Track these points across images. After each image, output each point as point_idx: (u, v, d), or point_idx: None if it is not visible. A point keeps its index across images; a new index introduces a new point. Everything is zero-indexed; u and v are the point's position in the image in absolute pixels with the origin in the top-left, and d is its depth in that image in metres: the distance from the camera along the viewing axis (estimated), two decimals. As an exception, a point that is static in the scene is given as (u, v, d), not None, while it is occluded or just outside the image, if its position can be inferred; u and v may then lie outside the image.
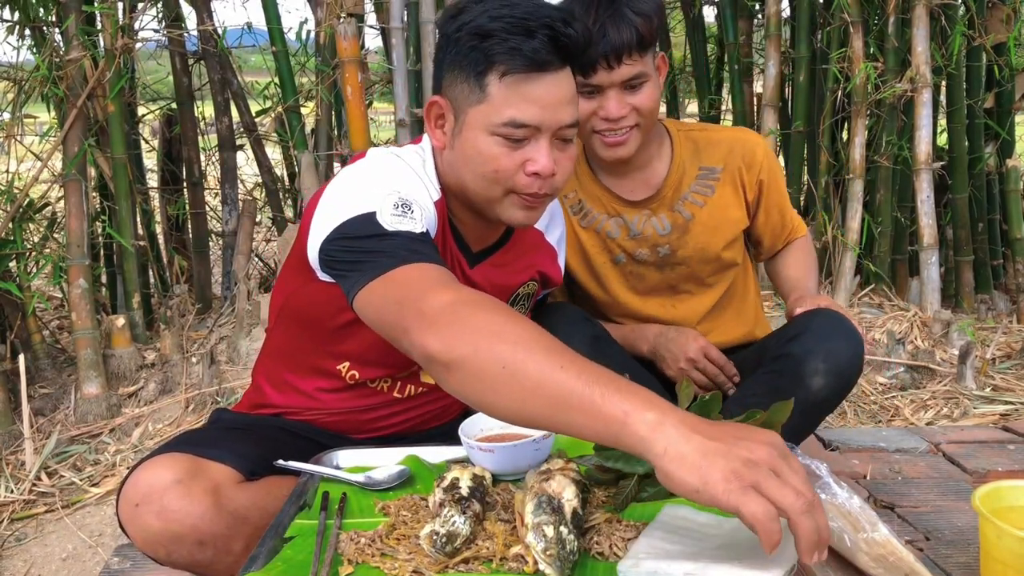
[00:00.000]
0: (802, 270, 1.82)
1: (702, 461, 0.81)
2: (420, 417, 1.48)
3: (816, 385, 1.52)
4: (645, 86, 1.58)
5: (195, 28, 3.41)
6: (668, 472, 0.82)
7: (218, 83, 3.49)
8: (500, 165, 1.23)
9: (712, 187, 1.74)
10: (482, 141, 1.23)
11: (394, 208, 1.17)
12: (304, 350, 1.41)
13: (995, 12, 3.40)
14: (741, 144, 1.76)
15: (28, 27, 3.12)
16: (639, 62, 1.55)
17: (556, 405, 0.89)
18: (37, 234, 3.08)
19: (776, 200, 1.79)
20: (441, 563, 0.95)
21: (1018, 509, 1.40)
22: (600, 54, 1.51)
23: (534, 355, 0.92)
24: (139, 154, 3.56)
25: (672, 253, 1.74)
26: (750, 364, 1.68)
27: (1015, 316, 3.40)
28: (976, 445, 2.23)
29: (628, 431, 0.85)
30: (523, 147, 1.23)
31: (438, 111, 1.29)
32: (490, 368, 0.93)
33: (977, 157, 3.53)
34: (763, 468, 0.80)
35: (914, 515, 1.82)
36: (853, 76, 3.34)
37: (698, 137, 1.76)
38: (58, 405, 2.76)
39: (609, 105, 1.57)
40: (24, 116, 3.12)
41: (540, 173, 1.24)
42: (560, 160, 1.27)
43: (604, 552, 0.97)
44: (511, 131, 1.22)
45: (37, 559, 2.00)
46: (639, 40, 1.53)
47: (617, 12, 1.52)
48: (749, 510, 0.78)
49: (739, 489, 0.79)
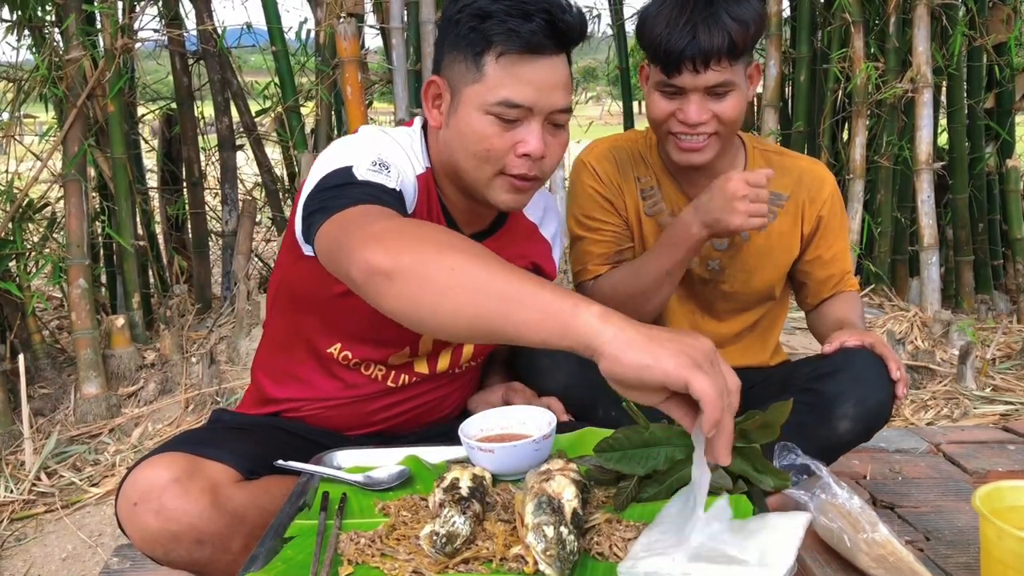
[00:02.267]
0: (851, 315, 1.68)
1: (651, 343, 0.86)
2: (416, 410, 1.48)
3: (843, 428, 1.48)
4: (730, 95, 1.51)
5: (195, 28, 3.40)
6: (617, 354, 0.86)
7: (218, 83, 3.48)
8: (492, 144, 1.26)
9: (775, 213, 1.69)
10: (476, 119, 1.25)
11: (371, 164, 1.20)
12: (297, 333, 1.42)
13: (996, 12, 3.40)
14: (811, 176, 1.70)
15: (27, 27, 3.11)
16: (727, 70, 1.48)
17: (507, 302, 0.91)
18: (37, 234, 3.08)
19: (831, 242, 1.71)
20: (441, 563, 0.95)
21: (1018, 509, 1.40)
22: (687, 56, 1.45)
23: (481, 259, 0.95)
24: (139, 154, 3.55)
25: (721, 271, 1.70)
26: (774, 388, 1.62)
27: (1015, 316, 3.39)
28: (976, 445, 2.23)
29: (578, 320, 0.88)
30: (515, 128, 1.26)
31: (436, 91, 1.32)
32: (437, 273, 0.94)
33: (977, 157, 3.53)
34: (707, 359, 0.86)
35: (914, 515, 1.82)
36: (854, 76, 3.34)
37: (773, 159, 1.70)
38: (58, 405, 2.76)
39: (689, 109, 1.50)
40: (24, 116, 3.12)
41: (531, 154, 1.26)
42: (551, 144, 1.29)
43: (604, 552, 0.97)
44: (504, 110, 1.24)
45: (37, 559, 2.00)
46: (731, 47, 1.45)
47: (712, 15, 1.45)
48: (698, 383, 0.83)
49: (689, 364, 0.84)
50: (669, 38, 1.46)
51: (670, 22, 1.47)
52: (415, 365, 1.43)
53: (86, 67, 2.88)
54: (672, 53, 1.46)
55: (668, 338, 0.87)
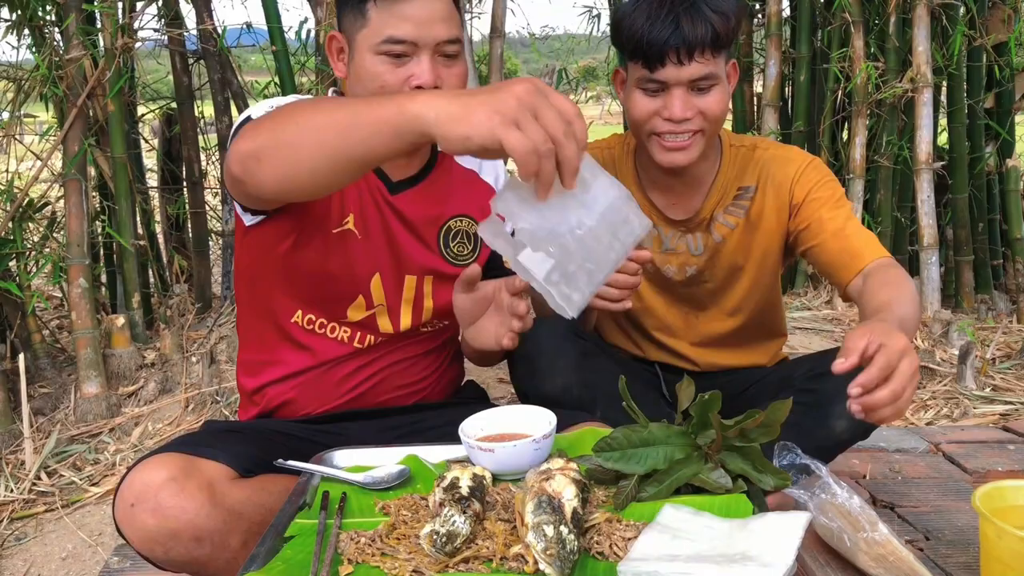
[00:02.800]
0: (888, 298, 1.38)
1: (467, 111, 0.91)
2: (386, 371, 1.49)
3: (839, 428, 1.48)
4: (714, 89, 1.49)
5: (195, 27, 3.40)
6: (444, 134, 0.92)
7: (218, 82, 3.48)
8: (385, 80, 1.32)
9: (745, 208, 1.64)
10: (368, 61, 1.33)
11: (268, 107, 1.26)
12: (263, 315, 1.47)
13: (996, 12, 3.40)
14: (776, 161, 1.63)
15: (27, 26, 3.11)
16: (711, 62, 1.47)
17: (347, 129, 1.01)
18: (37, 234, 3.08)
19: (825, 216, 1.55)
20: (441, 563, 0.95)
21: (1018, 509, 1.40)
22: (670, 47, 1.43)
23: (322, 105, 1.08)
24: (139, 154, 3.55)
25: (699, 274, 1.68)
26: (771, 388, 1.61)
27: (1015, 316, 3.39)
28: (976, 445, 2.23)
29: (406, 116, 0.95)
30: (406, 63, 1.33)
31: (338, 45, 1.41)
32: (288, 135, 1.07)
33: (977, 157, 3.53)
34: (524, 108, 0.89)
35: (914, 515, 1.82)
36: (854, 76, 3.34)
37: (747, 154, 1.65)
38: (58, 405, 2.76)
39: (674, 104, 1.47)
40: (24, 115, 3.12)
41: (423, 86, 1.31)
42: (446, 76, 1.34)
43: (604, 552, 0.97)
44: (390, 47, 1.31)
45: (37, 558, 2.00)
46: (714, 37, 1.45)
47: (694, 6, 1.44)
48: (510, 141, 0.88)
49: (502, 124, 0.88)
50: (651, 30, 1.45)
51: (651, 15, 1.45)
52: (379, 323, 1.46)
53: (86, 67, 2.88)
54: (655, 45, 1.45)
55: (483, 100, 0.90)
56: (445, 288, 1.47)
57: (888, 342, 1.12)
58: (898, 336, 1.14)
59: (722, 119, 1.55)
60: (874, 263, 1.49)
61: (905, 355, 1.11)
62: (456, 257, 1.50)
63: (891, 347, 1.11)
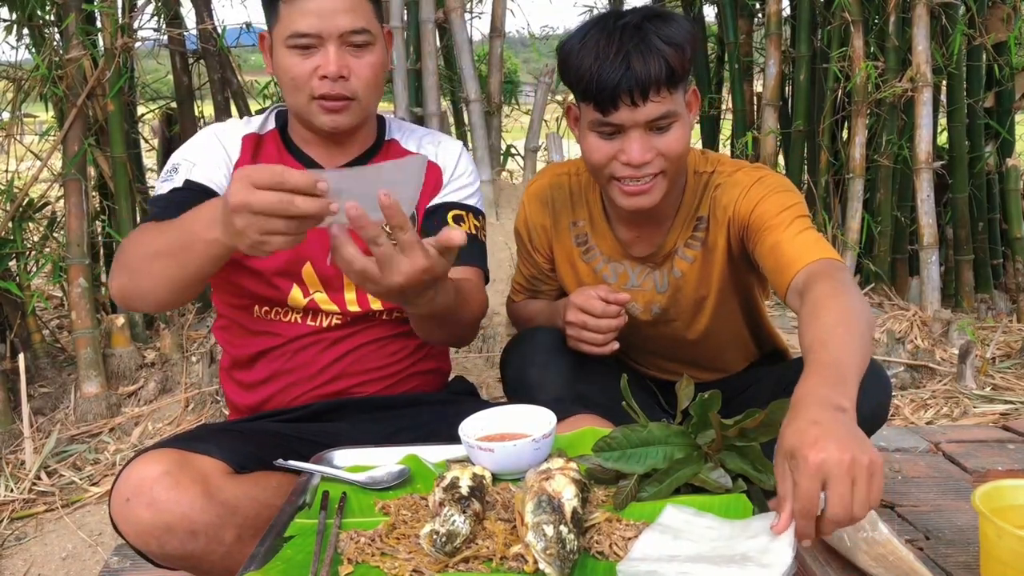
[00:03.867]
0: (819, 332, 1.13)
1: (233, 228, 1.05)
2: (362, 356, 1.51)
3: None
4: (674, 127, 1.39)
5: (195, 27, 3.40)
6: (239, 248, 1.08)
7: (218, 82, 3.48)
8: (295, 72, 1.39)
9: (701, 239, 1.54)
10: (281, 56, 1.41)
11: (162, 177, 1.46)
12: (231, 316, 1.55)
13: (995, 11, 3.40)
14: (726, 187, 1.50)
15: (27, 26, 3.11)
16: (668, 99, 1.36)
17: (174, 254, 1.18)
18: (37, 233, 3.08)
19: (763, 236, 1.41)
20: (441, 562, 0.95)
21: (1018, 508, 1.40)
22: (623, 89, 1.33)
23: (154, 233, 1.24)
24: (139, 153, 3.55)
25: (663, 312, 1.61)
26: (767, 391, 1.52)
27: (1015, 315, 3.39)
28: (976, 444, 2.23)
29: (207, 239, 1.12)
30: (313, 55, 1.39)
31: (267, 43, 1.47)
32: (136, 268, 1.25)
33: (977, 156, 3.53)
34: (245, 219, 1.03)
35: (914, 515, 1.82)
36: (853, 75, 3.34)
37: (705, 181, 1.54)
38: (58, 404, 2.76)
39: (632, 148, 1.37)
40: (24, 115, 3.12)
41: (328, 75, 1.38)
42: (356, 66, 1.40)
43: (604, 552, 0.97)
44: (297, 40, 1.37)
45: (37, 558, 2.00)
46: (669, 74, 1.34)
47: (644, 41, 1.33)
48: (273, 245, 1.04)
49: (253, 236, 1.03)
50: (600, 72, 1.33)
51: (599, 54, 1.34)
52: (323, 307, 1.49)
53: (86, 66, 2.88)
54: (606, 88, 1.34)
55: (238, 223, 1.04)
56: None
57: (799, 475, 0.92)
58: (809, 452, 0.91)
59: (684, 156, 1.44)
60: (803, 274, 1.30)
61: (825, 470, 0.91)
62: None
63: (802, 482, 0.91)
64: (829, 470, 0.91)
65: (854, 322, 1.13)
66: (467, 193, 1.57)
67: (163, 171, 1.47)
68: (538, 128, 3.52)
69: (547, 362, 1.52)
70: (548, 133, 3.67)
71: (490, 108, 3.47)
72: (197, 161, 1.45)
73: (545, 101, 3.53)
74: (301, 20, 1.36)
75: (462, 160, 1.59)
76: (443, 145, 1.60)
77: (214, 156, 1.46)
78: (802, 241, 1.35)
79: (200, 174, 1.43)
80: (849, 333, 1.11)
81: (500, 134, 3.63)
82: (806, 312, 1.20)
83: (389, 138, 1.57)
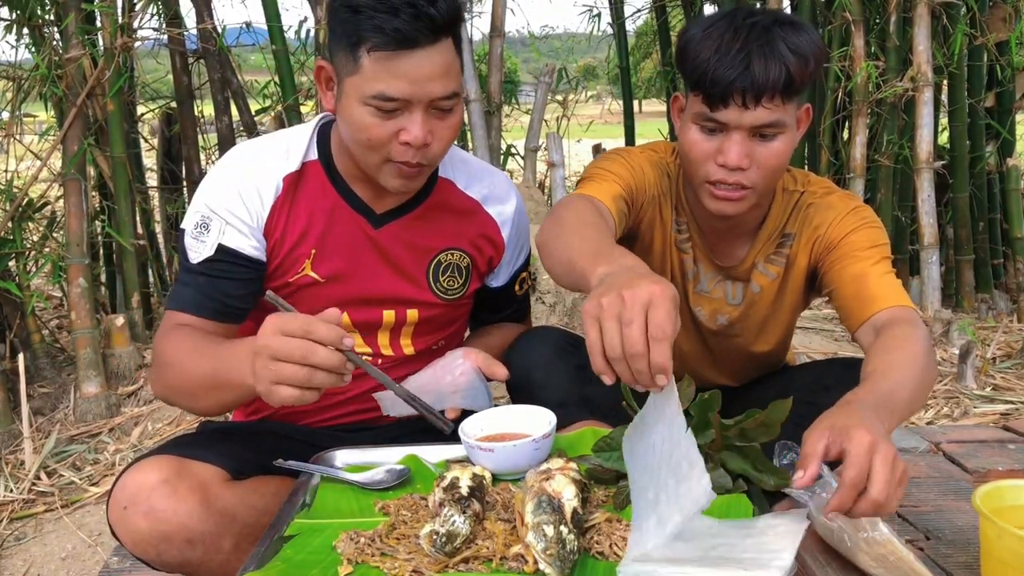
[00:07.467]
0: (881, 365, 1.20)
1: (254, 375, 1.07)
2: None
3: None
4: (778, 138, 1.32)
5: (194, 27, 3.40)
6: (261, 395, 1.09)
7: (218, 82, 3.48)
8: (372, 134, 1.26)
9: (785, 256, 1.50)
10: (357, 110, 1.25)
11: (193, 229, 1.34)
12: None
13: (996, 11, 3.40)
14: (819, 208, 1.47)
15: (27, 26, 3.11)
16: (779, 108, 1.30)
17: (215, 386, 1.20)
18: (37, 233, 3.08)
19: (846, 266, 1.41)
20: (441, 563, 0.95)
21: (1018, 508, 1.40)
22: (736, 88, 1.27)
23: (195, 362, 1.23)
24: (138, 153, 3.55)
25: (730, 325, 1.56)
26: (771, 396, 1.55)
27: (1015, 315, 3.39)
28: (976, 444, 2.22)
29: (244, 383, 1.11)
30: (396, 117, 1.25)
31: (326, 75, 1.32)
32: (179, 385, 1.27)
33: (978, 156, 3.53)
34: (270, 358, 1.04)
35: (914, 514, 1.82)
36: (854, 75, 3.34)
37: (798, 200, 1.50)
38: (57, 404, 2.76)
39: (731, 150, 1.32)
40: (23, 115, 3.12)
41: (412, 143, 1.26)
42: (438, 129, 1.28)
43: (604, 552, 0.97)
44: (381, 103, 1.23)
45: (36, 558, 2.00)
46: (787, 82, 1.28)
47: (769, 44, 1.28)
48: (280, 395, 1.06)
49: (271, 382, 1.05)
50: (718, 66, 1.29)
51: (720, 48, 1.29)
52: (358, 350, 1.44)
53: (86, 66, 2.88)
54: (720, 83, 1.29)
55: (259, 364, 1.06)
56: (429, 321, 1.47)
57: (851, 443, 0.98)
58: (862, 431, 0.98)
59: (780, 171, 1.38)
60: (885, 313, 1.32)
61: (876, 451, 0.97)
62: (445, 291, 1.47)
63: (855, 450, 0.97)
64: (879, 453, 0.97)
65: (919, 371, 1.20)
66: (525, 252, 1.56)
67: (190, 215, 1.34)
68: (538, 128, 3.52)
69: (550, 364, 1.51)
70: (548, 133, 3.67)
71: (490, 108, 3.47)
72: (229, 219, 1.33)
73: (545, 101, 3.53)
74: (391, 83, 1.21)
75: (520, 218, 1.53)
76: (498, 193, 1.50)
77: (249, 209, 1.34)
78: (888, 283, 1.37)
79: (233, 238, 1.32)
80: (912, 377, 1.18)
81: (500, 134, 3.63)
82: (878, 346, 1.25)
83: (443, 175, 1.46)
